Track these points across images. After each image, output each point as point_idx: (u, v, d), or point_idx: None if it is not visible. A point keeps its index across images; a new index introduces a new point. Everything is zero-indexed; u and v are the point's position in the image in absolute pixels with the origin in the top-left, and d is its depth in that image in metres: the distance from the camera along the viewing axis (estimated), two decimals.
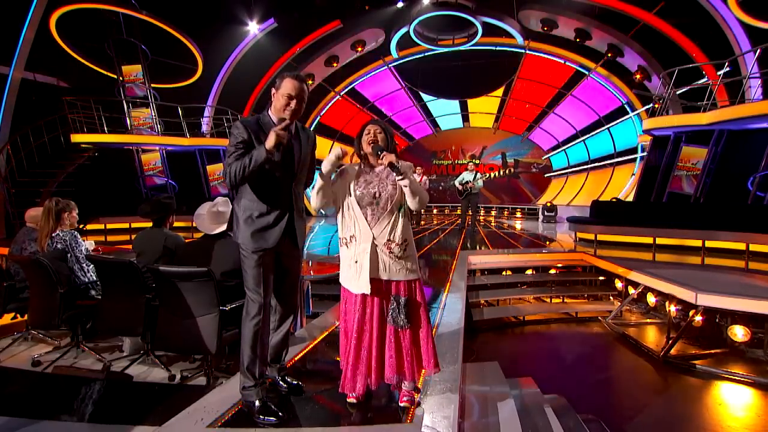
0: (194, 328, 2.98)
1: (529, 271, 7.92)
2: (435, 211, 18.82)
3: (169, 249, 3.50)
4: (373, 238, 2.28)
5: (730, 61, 10.18)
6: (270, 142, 2.19)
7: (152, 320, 3.21)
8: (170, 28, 12.07)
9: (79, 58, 11.96)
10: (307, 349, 3.29)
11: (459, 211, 11.70)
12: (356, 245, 2.31)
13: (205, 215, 3.29)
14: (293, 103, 2.31)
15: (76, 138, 10.98)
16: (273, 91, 2.36)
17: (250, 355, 2.43)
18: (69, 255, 3.60)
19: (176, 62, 12.92)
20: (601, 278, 7.57)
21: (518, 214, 17.30)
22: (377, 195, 2.32)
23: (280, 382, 2.61)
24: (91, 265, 3.61)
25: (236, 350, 2.62)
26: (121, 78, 12.26)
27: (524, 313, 6.76)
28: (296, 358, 3.13)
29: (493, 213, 18.01)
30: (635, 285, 6.72)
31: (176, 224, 10.81)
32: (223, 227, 3.29)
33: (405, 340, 2.24)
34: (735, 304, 4.76)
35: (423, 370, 2.34)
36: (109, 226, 10.61)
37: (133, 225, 10.64)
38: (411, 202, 2.31)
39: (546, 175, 18.97)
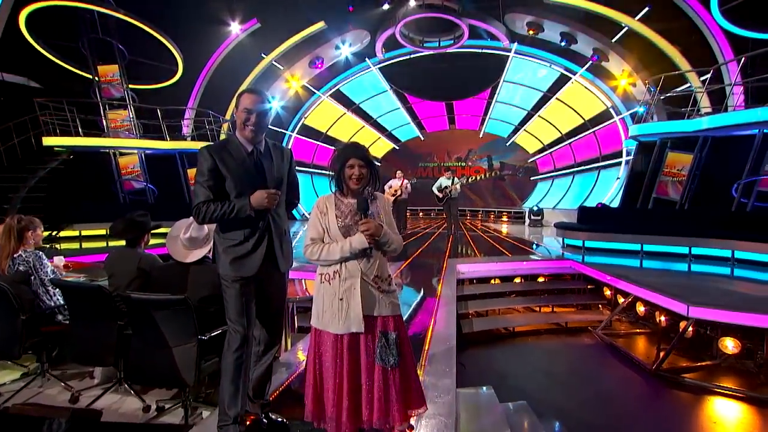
0: (170, 358, 2.78)
1: (517, 279, 7.86)
2: (421, 214, 18.75)
3: (144, 271, 3.28)
4: (362, 273, 2.12)
5: (713, 67, 10.30)
6: (257, 201, 2.15)
7: (125, 348, 3.00)
8: (148, 27, 11.69)
9: (52, 58, 11.50)
10: (292, 378, 3.12)
11: (445, 215, 11.61)
12: (341, 282, 2.13)
13: (178, 241, 3.09)
14: (253, 117, 2.22)
15: (48, 141, 10.56)
16: (235, 110, 2.28)
17: (231, 390, 2.28)
18: (32, 277, 3.36)
19: (155, 62, 12.54)
20: (590, 287, 7.56)
21: (504, 218, 17.32)
22: None
23: (263, 419, 2.45)
24: (58, 289, 3.37)
25: (216, 379, 2.47)
26: (96, 78, 11.86)
27: (514, 324, 6.69)
28: (281, 389, 2.96)
29: (479, 216, 17.99)
30: (624, 294, 6.72)
31: (157, 230, 10.61)
32: (198, 254, 3.10)
33: (394, 379, 2.07)
34: (727, 317, 4.73)
35: (413, 411, 2.18)
36: (85, 232, 10.19)
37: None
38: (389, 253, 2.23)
39: (532, 178, 19.05)
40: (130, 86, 12.18)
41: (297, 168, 2.43)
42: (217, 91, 14.11)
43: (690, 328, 5.26)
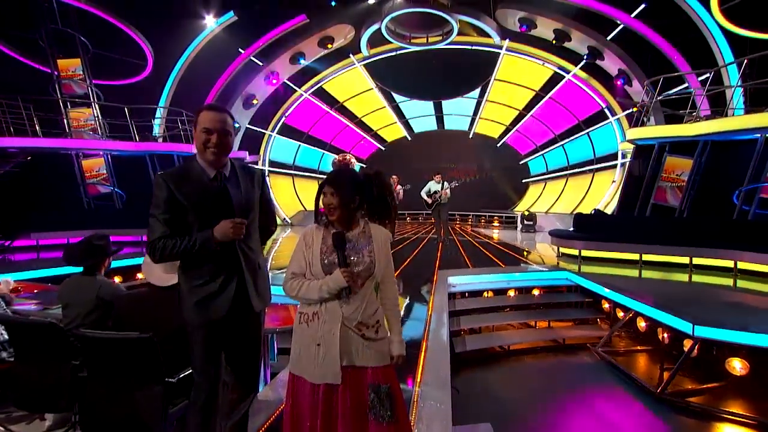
0: (132, 403, 2.56)
1: (511, 292, 7.77)
2: (409, 219, 18.65)
3: (104, 301, 3.05)
4: (343, 317, 1.95)
5: (712, 68, 10.39)
6: (221, 233, 1.98)
7: (79, 391, 2.77)
8: (113, 17, 11.30)
9: (5, 50, 11.03)
10: (272, 419, 2.93)
11: (434, 220, 11.52)
12: (319, 324, 1.97)
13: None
14: (214, 138, 2.04)
15: (1, 141, 10.10)
16: (193, 130, 2.11)
17: None
18: None
19: (122, 57, 12.17)
20: (587, 300, 7.50)
21: (495, 222, 17.30)
22: (349, 263, 2.00)
23: None
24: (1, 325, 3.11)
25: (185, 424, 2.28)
26: (56, 73, 11.43)
27: (509, 342, 6.57)
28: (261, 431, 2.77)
29: (469, 221, 17.95)
30: (624, 308, 6.67)
31: (124, 239, 10.22)
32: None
33: None
34: (735, 338, 4.67)
35: None
36: (44, 242, 9.80)
37: (72, 241, 9.88)
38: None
39: (524, 181, 19.13)
40: (95, 82, 11.77)
41: (277, 170, 2.31)
42: (191, 89, 13.87)
43: (696, 348, 5.20)
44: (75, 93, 11.60)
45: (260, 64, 14.89)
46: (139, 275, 7.55)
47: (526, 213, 15.05)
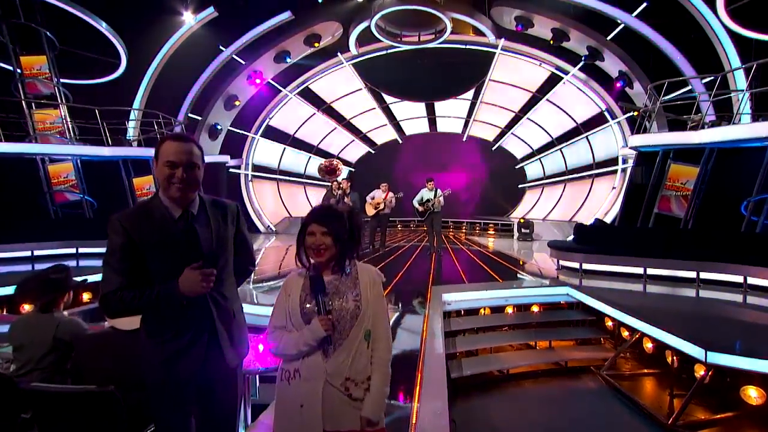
0: None
1: (509, 309, 7.65)
2: (399, 226, 18.51)
3: (63, 342, 2.84)
4: (326, 374, 1.78)
5: (716, 71, 10.40)
6: (188, 286, 1.78)
7: None
8: (80, 11, 11.00)
9: None
10: None
11: (425, 227, 11.40)
12: (300, 383, 1.80)
13: None
14: (179, 172, 1.84)
15: None
16: (154, 164, 1.91)
17: None
18: None
19: (93, 54, 11.87)
20: (590, 318, 7.39)
21: (491, 230, 17.20)
22: (329, 310, 1.85)
23: None
24: None
25: None
26: (19, 71, 11.09)
27: (508, 366, 6.43)
28: None
29: (463, 228, 17.84)
30: (629, 328, 6.56)
31: (93, 250, 9.88)
32: None
33: None
34: (751, 365, 4.57)
35: None
36: (3, 255, 9.45)
37: (37, 253, 9.59)
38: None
39: (520, 186, 19.08)
40: (63, 81, 11.47)
41: (261, 174, 2.15)
42: (168, 89, 13.73)
43: (708, 374, 5.09)
44: (40, 93, 11.31)
45: (242, 62, 14.71)
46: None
47: (522, 221, 14.96)
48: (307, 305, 1.85)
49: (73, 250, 9.75)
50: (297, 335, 1.81)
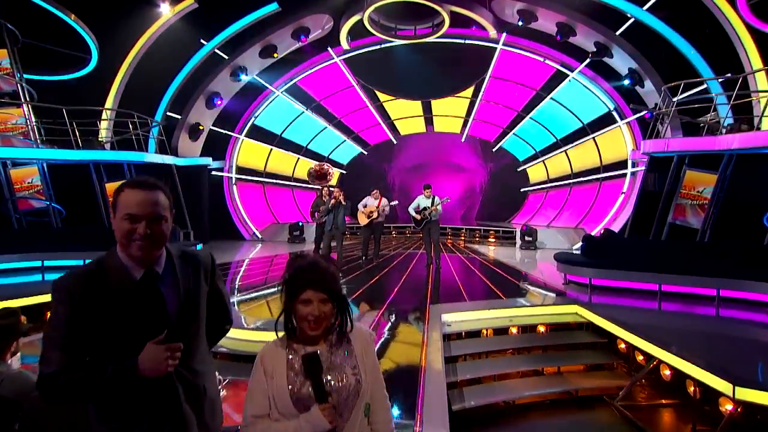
0: None
1: (513, 329, 7.41)
2: (394, 233, 18.32)
3: (7, 400, 2.53)
4: None
5: (734, 71, 10.22)
6: (149, 365, 1.54)
7: None
8: (44, 1, 10.68)
9: None
10: None
11: (422, 237, 11.20)
12: None
13: None
14: (141, 228, 1.59)
15: None
16: (111, 215, 1.66)
17: None
18: None
19: (60, 48, 11.56)
20: (601, 341, 7.15)
21: (491, 238, 17.01)
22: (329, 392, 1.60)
23: None
24: None
25: None
26: None
27: (515, 395, 6.14)
28: None
29: (462, 236, 17.64)
30: (645, 353, 6.34)
31: (61, 263, 9.61)
32: None
33: None
34: None
35: None
36: None
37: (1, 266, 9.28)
38: None
39: (522, 190, 18.97)
40: (26, 77, 11.22)
41: (246, 177, 1.92)
42: (144, 87, 13.50)
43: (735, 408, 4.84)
44: (1, 90, 11.01)
45: (225, 57, 14.54)
46: None
47: (525, 228, 14.78)
48: (302, 390, 1.59)
49: (38, 263, 9.43)
50: (289, 427, 1.56)
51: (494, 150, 19.08)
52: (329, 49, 15.60)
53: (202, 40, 14.10)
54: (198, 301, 1.77)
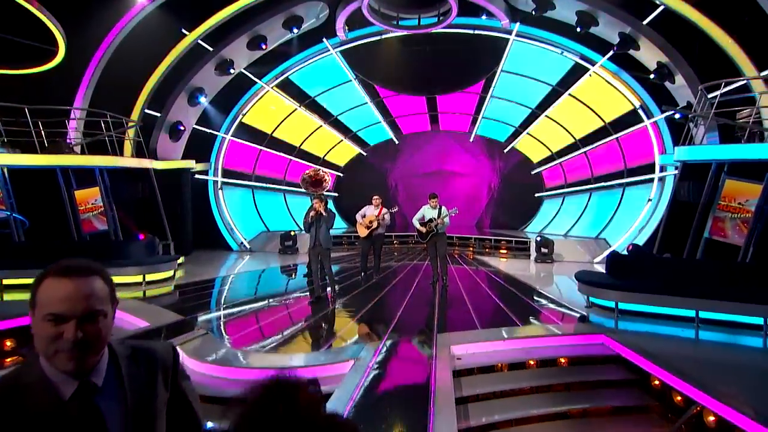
0: None
1: (531, 361, 7.06)
2: (396, 242, 18.12)
3: None
4: None
5: None
6: None
7: None
8: None
9: None
10: None
11: (428, 251, 10.95)
12: None
13: None
14: (68, 332, 1.26)
15: None
16: (30, 313, 1.34)
17: None
18: None
19: (22, 40, 11.26)
20: (632, 378, 6.76)
21: (503, 249, 16.67)
22: None
23: None
24: None
25: None
26: None
27: None
28: None
29: (471, 247, 17.33)
30: (683, 395, 5.95)
31: (22, 281, 9.31)
32: None
33: None
34: None
35: None
36: None
37: None
38: None
39: (537, 195, 18.84)
40: None
41: (233, 181, 1.60)
42: (118, 82, 13.34)
43: None
44: None
45: (210, 49, 14.39)
46: None
47: (540, 239, 14.47)
48: None
49: None
50: None
51: (506, 150, 19.00)
52: (324, 40, 15.49)
53: (183, 30, 13.91)
54: (153, 415, 1.42)
